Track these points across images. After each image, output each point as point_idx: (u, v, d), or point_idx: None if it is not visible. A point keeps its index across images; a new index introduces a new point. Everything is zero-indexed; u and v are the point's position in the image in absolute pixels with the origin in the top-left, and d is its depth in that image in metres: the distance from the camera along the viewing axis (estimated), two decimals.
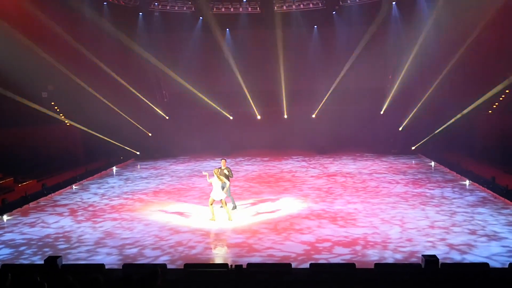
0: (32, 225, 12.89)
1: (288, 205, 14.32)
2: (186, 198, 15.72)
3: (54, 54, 20.69)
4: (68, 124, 23.30)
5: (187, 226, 12.37)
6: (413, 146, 25.08)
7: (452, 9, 21.69)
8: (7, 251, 10.75)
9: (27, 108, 20.46)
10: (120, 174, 20.95)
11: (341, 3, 25.99)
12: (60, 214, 13.94)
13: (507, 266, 8.69)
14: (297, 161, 23.55)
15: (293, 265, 9.03)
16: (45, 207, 14.88)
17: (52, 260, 8.87)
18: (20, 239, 11.63)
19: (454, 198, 14.75)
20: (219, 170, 13.25)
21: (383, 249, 10.23)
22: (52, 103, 23.41)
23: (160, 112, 27.76)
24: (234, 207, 13.89)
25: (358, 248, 10.34)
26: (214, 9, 26.36)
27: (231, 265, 8.84)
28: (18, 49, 19.14)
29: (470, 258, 9.55)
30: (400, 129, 26.23)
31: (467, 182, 16.97)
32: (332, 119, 26.33)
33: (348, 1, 25.81)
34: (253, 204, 14.63)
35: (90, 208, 14.59)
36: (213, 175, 12.74)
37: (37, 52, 19.98)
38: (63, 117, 23.34)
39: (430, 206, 13.77)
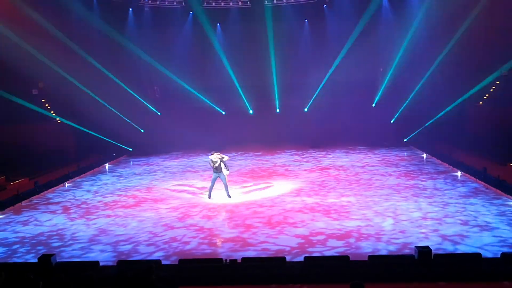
0: (25, 223, 12.81)
1: (282, 199, 14.35)
2: (180, 193, 15.70)
3: (44, 51, 20.49)
4: (59, 121, 23.15)
5: (181, 221, 12.38)
6: (405, 138, 25.21)
7: (442, 0, 21.75)
8: (0, 250, 10.69)
9: (18, 105, 20.29)
10: (112, 171, 20.86)
11: None
12: (53, 212, 13.87)
13: (499, 256, 8.78)
14: (290, 155, 23.58)
15: (288, 258, 9.09)
16: (38, 205, 14.80)
17: (46, 258, 8.85)
18: (13, 237, 11.56)
19: (446, 189, 14.86)
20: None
21: (376, 241, 10.29)
22: (43, 100, 23.24)
23: (152, 108, 27.64)
24: (228, 196, 14.51)
25: (351, 240, 10.40)
26: (205, 3, 26.23)
27: (226, 260, 8.87)
28: (7, 46, 18.93)
29: (462, 249, 9.62)
30: (392, 121, 26.34)
31: (459, 173, 17.09)
32: (324, 113, 26.36)
33: None
34: (247, 198, 14.65)
35: (83, 206, 14.53)
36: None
37: (26, 49, 19.78)
38: (54, 114, 23.18)
39: (422, 198, 13.87)
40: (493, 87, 23.23)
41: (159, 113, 27.84)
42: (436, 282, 8.22)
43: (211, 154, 14.26)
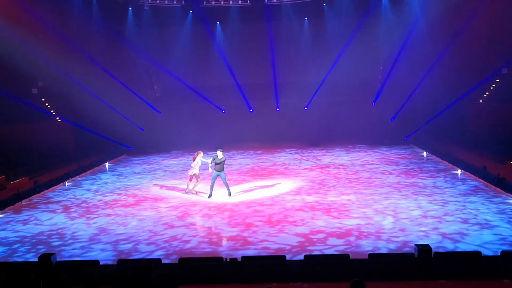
0: (25, 222, 12.81)
1: (282, 198, 14.35)
2: (180, 192, 15.70)
3: (44, 50, 20.50)
4: (59, 120, 23.16)
5: (181, 220, 12.39)
6: (405, 136, 25.21)
7: None
8: (0, 249, 10.69)
9: (18, 104, 20.31)
10: (113, 170, 20.86)
11: None
12: (53, 211, 13.87)
13: (499, 254, 8.79)
14: (290, 153, 23.58)
15: (288, 257, 9.09)
16: (38, 204, 14.80)
17: (46, 258, 8.85)
18: (13, 236, 11.56)
19: (446, 188, 14.86)
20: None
21: (376, 239, 10.30)
22: (43, 99, 23.25)
23: (152, 107, 27.64)
24: (229, 195, 14.60)
25: (352, 239, 10.40)
26: (205, 2, 26.21)
27: (226, 259, 8.88)
28: (7, 45, 18.93)
29: (462, 247, 9.63)
30: (392, 119, 26.33)
31: (459, 172, 17.09)
32: (324, 111, 26.40)
33: None
34: (247, 197, 14.66)
35: (84, 205, 14.53)
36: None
37: (26, 48, 19.78)
38: (54, 113, 23.19)
39: (422, 196, 13.87)
40: (493, 85, 23.23)
41: (159, 112, 27.83)
42: (436, 280, 8.22)
43: (218, 151, 14.45)
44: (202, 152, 15.32)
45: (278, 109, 28.11)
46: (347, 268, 8.44)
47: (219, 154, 14.38)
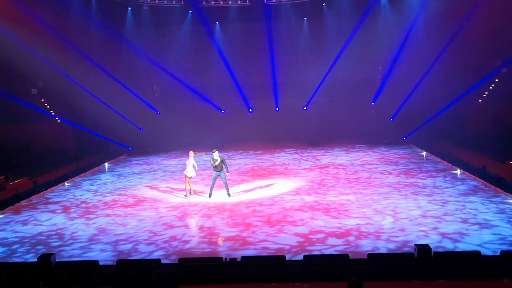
0: (24, 223, 12.81)
1: (281, 198, 14.35)
2: (179, 192, 15.70)
3: (43, 50, 20.49)
4: (58, 120, 23.14)
5: (181, 220, 12.39)
6: (405, 136, 25.21)
7: None
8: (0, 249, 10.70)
9: (17, 105, 20.29)
10: (112, 170, 20.85)
11: None
12: (53, 212, 13.87)
13: (498, 254, 8.80)
14: (290, 153, 23.58)
15: (287, 257, 9.09)
16: (37, 205, 14.79)
17: (45, 258, 8.85)
18: (12, 237, 11.56)
19: (446, 187, 14.86)
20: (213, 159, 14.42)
21: (376, 239, 10.29)
22: (42, 99, 23.23)
23: (151, 107, 27.62)
24: (228, 195, 14.55)
25: (351, 239, 10.40)
26: (204, 2, 26.18)
27: (225, 259, 8.88)
28: (6, 45, 18.92)
29: (462, 247, 9.63)
30: (392, 119, 26.33)
31: (458, 171, 17.09)
32: (323, 111, 26.39)
33: None
34: (246, 197, 14.66)
35: (83, 205, 14.53)
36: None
37: (25, 48, 19.77)
38: (53, 113, 23.17)
39: (422, 196, 13.87)
40: (492, 85, 23.25)
41: (158, 112, 27.81)
42: (436, 280, 8.22)
43: (213, 152, 14.37)
44: (193, 152, 15.33)
45: (277, 109, 28.10)
46: (346, 268, 8.45)
47: (215, 155, 14.33)
